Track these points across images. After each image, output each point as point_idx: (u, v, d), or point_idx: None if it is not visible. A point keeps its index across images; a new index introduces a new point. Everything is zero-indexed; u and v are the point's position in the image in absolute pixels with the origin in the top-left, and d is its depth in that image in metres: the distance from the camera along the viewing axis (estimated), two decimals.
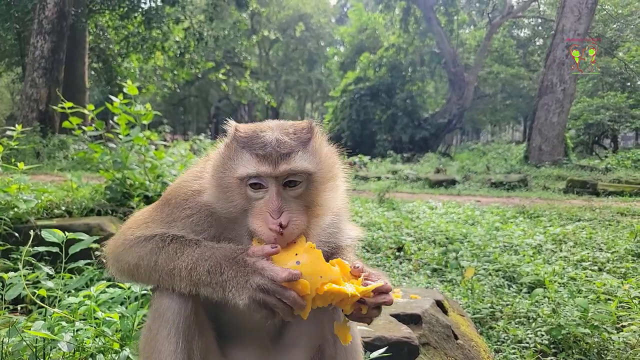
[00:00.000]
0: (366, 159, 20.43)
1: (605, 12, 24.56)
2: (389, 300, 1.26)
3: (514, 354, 3.06)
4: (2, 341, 1.73)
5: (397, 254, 5.42)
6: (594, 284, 4.00)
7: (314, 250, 1.23)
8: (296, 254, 1.22)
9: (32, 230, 2.22)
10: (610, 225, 6.87)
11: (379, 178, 15.20)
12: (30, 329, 1.75)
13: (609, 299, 3.60)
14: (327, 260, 1.26)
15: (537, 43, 37.54)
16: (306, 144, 1.32)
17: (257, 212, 1.27)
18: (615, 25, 25.48)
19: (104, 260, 1.52)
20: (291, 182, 1.30)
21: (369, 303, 1.24)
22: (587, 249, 5.42)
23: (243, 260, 1.22)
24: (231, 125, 1.40)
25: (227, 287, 1.21)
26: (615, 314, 3.24)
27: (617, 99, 21.70)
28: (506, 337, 3.30)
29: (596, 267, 4.73)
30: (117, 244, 1.44)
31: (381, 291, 1.26)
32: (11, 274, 2.04)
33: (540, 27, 35.87)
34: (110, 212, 4.40)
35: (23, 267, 2.05)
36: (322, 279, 1.18)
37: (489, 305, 3.76)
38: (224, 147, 1.39)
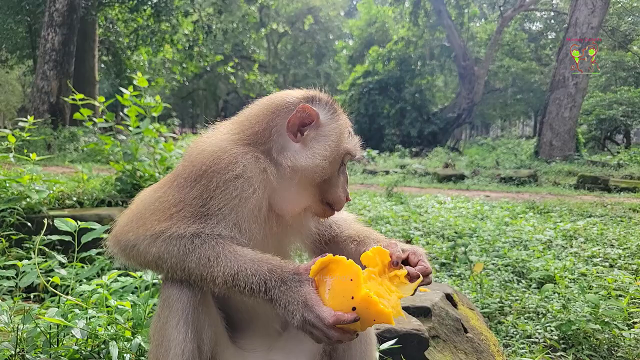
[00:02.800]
0: (374, 153, 20.37)
1: (619, 4, 24.04)
2: (429, 281, 1.36)
3: (523, 348, 3.04)
4: (17, 327, 1.76)
5: None
6: (605, 280, 3.95)
7: (370, 299, 1.14)
8: (352, 297, 1.14)
9: (45, 220, 2.24)
10: (622, 221, 6.78)
11: (387, 172, 15.16)
12: (44, 316, 1.78)
13: (620, 296, 3.56)
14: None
15: (550, 37, 36.91)
16: None
17: (340, 184, 1.49)
18: (629, 19, 24.94)
19: (107, 243, 1.39)
20: None
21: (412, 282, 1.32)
22: (598, 245, 5.35)
23: (293, 284, 1.19)
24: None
25: (273, 303, 1.20)
26: (627, 310, 3.20)
27: (630, 93, 21.24)
28: (515, 332, 3.28)
29: (607, 264, 4.67)
30: (137, 232, 1.30)
31: (425, 283, 1.35)
32: (25, 262, 2.07)
33: (552, 21, 35.22)
34: (120, 203, 4.45)
35: (36, 256, 2.08)
36: (375, 322, 1.17)
37: (498, 300, 3.74)
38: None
